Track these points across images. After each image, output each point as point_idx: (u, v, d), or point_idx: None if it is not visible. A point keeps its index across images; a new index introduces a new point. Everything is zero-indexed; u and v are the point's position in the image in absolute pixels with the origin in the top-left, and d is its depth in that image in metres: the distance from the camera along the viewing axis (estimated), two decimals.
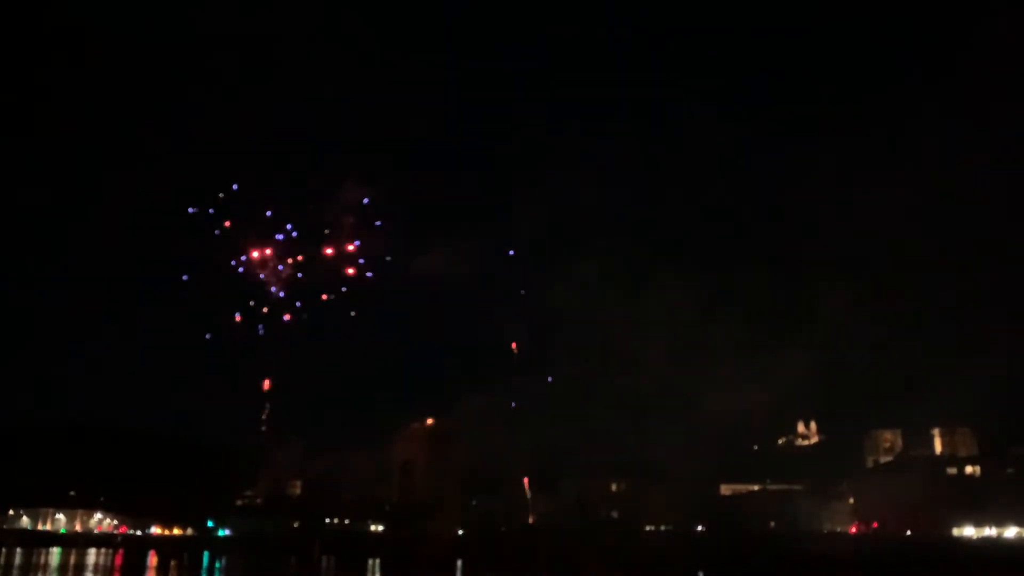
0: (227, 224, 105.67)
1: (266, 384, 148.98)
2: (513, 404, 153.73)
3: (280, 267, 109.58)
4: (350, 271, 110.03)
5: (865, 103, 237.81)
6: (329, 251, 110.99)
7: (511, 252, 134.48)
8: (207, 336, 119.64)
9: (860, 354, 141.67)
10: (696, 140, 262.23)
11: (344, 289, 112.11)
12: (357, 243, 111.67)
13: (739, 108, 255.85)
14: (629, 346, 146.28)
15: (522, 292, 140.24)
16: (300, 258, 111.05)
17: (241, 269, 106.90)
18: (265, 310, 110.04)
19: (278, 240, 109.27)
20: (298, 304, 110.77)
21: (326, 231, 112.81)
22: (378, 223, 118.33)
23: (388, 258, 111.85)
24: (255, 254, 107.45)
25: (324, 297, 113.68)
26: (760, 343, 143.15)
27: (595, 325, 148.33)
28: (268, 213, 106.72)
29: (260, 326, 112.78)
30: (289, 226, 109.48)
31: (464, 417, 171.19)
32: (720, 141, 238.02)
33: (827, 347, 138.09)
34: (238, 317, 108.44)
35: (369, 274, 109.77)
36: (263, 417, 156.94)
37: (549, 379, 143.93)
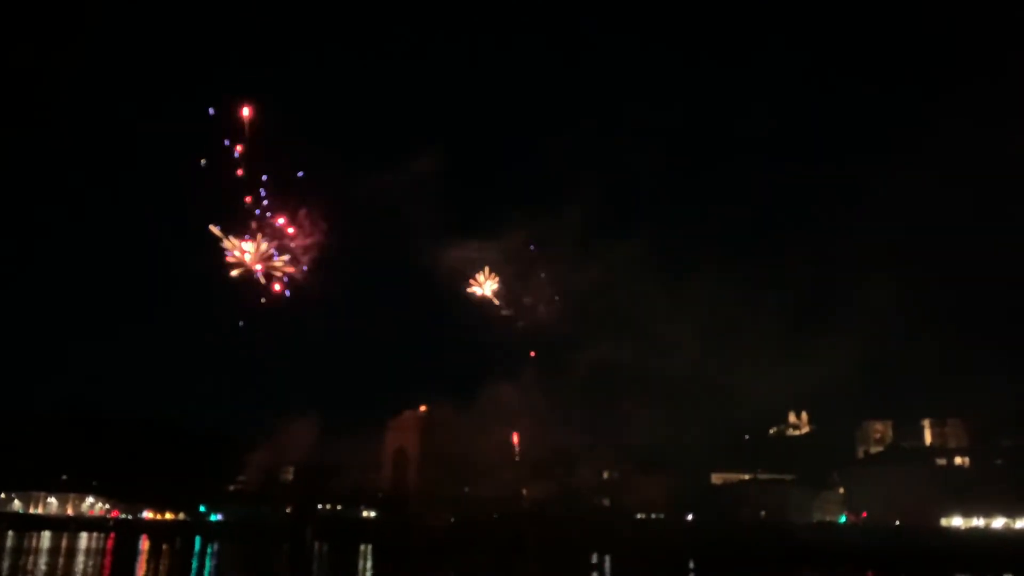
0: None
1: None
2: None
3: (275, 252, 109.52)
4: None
5: (911, 99, 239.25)
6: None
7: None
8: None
9: (857, 346, 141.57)
10: (739, 130, 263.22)
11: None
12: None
13: (783, 100, 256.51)
14: (637, 336, 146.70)
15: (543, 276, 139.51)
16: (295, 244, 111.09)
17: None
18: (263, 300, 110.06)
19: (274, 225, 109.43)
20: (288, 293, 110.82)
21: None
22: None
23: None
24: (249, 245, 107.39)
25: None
26: (773, 334, 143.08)
27: (614, 312, 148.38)
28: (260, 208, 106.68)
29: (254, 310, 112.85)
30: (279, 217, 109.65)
31: (460, 405, 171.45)
32: (762, 131, 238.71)
33: (836, 340, 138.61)
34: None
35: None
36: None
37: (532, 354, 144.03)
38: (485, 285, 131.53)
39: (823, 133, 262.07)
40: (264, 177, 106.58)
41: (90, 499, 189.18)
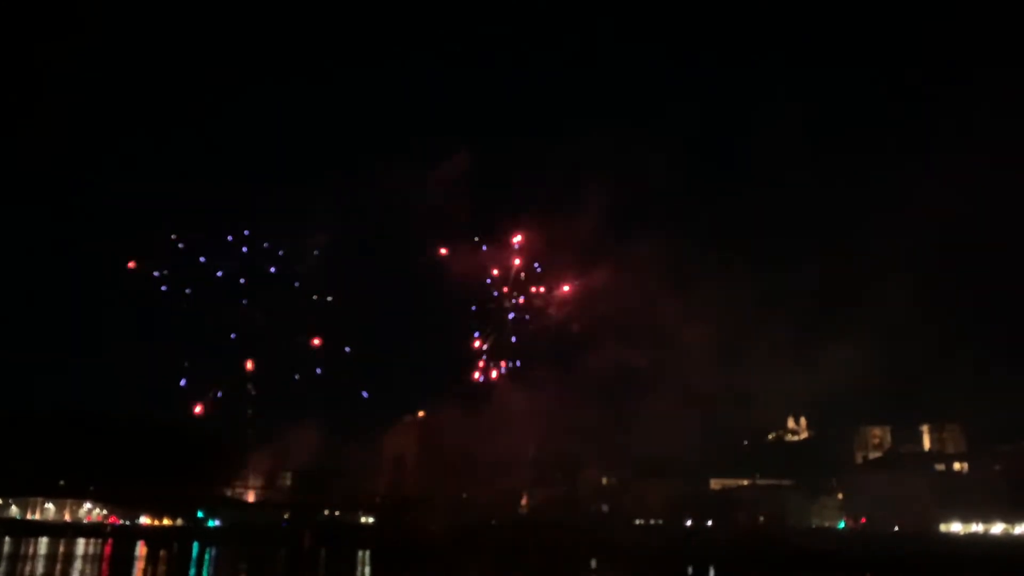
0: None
1: (249, 364, 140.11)
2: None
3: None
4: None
5: (928, 101, 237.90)
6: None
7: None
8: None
9: (861, 352, 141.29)
10: (750, 132, 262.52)
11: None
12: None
13: (799, 100, 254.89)
14: (641, 340, 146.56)
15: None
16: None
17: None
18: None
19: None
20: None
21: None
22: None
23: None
24: None
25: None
26: (778, 340, 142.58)
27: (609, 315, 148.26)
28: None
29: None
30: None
31: (459, 410, 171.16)
32: (773, 132, 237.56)
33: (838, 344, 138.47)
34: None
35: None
36: (247, 393, 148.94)
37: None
38: None
39: (833, 135, 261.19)
40: None
41: (87, 505, 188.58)
